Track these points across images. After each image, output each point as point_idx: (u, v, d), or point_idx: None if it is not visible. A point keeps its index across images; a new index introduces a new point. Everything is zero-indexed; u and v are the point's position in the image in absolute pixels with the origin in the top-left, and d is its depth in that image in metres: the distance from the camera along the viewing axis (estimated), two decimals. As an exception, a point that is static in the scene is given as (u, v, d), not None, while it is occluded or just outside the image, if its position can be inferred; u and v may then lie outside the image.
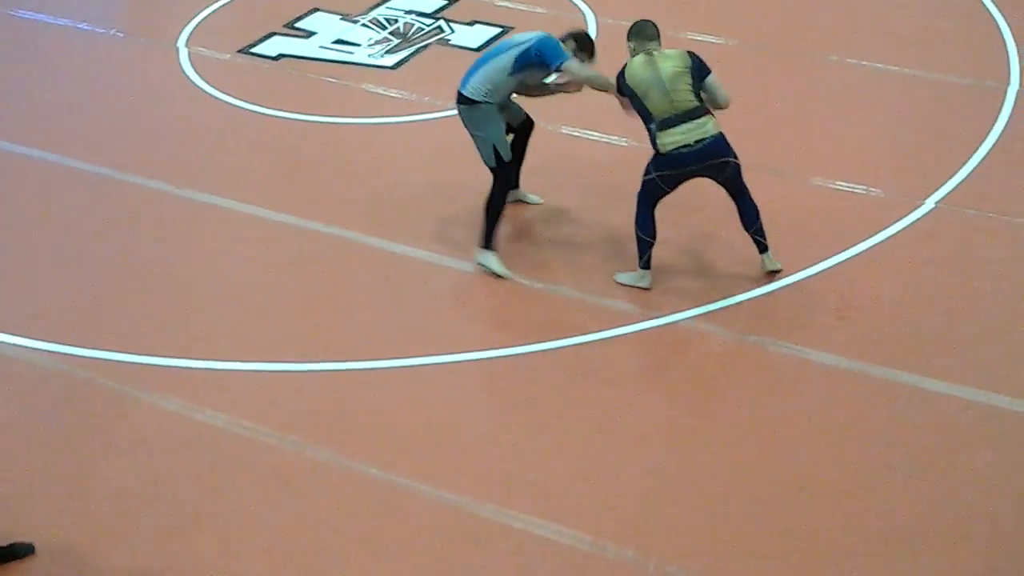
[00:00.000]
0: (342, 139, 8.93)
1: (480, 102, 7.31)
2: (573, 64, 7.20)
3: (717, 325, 6.94)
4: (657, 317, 7.00)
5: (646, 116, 7.00)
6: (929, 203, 7.93)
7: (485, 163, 7.48)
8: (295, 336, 6.95)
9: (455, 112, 7.45)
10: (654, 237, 7.22)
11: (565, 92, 7.67)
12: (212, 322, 7.11)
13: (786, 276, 7.30)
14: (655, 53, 7.07)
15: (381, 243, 7.74)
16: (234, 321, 7.12)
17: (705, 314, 7.02)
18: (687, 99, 6.92)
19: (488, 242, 7.47)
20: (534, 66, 7.28)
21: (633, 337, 6.88)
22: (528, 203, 8.09)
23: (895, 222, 7.76)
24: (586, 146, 8.72)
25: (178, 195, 8.28)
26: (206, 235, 7.94)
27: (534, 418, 6.34)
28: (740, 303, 7.11)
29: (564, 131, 8.84)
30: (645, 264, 7.28)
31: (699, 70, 7.01)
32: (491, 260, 7.48)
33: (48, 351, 6.83)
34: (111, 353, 6.80)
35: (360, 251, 7.69)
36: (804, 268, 7.37)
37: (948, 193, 8.01)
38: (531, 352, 6.78)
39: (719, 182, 7.16)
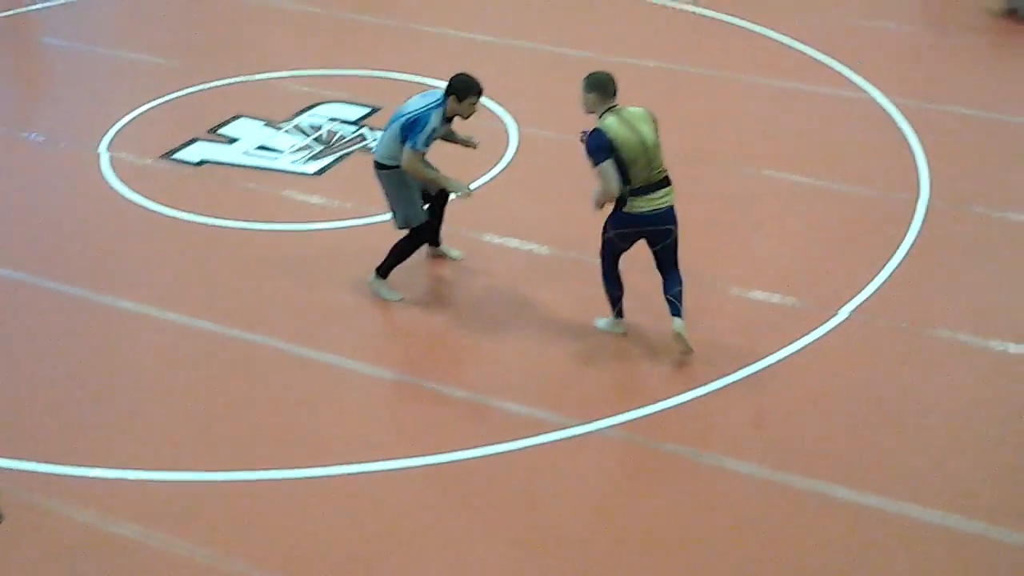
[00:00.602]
0: (263, 245, 8.93)
1: (390, 166, 7.73)
2: (409, 155, 7.62)
3: (634, 433, 6.96)
4: (573, 426, 7.01)
5: (622, 179, 7.17)
6: (843, 313, 8.07)
7: (396, 226, 7.91)
8: (211, 444, 6.88)
9: (377, 219, 7.54)
10: (621, 291, 7.70)
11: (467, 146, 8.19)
12: (127, 430, 7.01)
13: (703, 384, 7.36)
14: (623, 112, 7.21)
15: (299, 349, 7.71)
16: (150, 429, 7.03)
17: (622, 423, 7.05)
18: (662, 168, 7.27)
19: (385, 273, 8.05)
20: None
21: (549, 447, 6.88)
22: (450, 258, 8.44)
23: (810, 331, 7.87)
24: (506, 252, 8.79)
25: (96, 301, 8.21)
26: (123, 341, 7.86)
27: (450, 530, 6.30)
28: (657, 412, 7.15)
29: (486, 238, 8.91)
30: (618, 314, 7.76)
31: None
32: (383, 288, 8.07)
33: (-43, 460, 6.70)
34: (22, 462, 6.68)
35: (278, 357, 7.65)
36: (721, 377, 7.44)
37: (862, 303, 8.16)
38: (447, 463, 6.75)
39: (656, 248, 7.43)
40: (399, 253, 8.03)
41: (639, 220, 7.28)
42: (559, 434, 6.95)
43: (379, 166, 7.87)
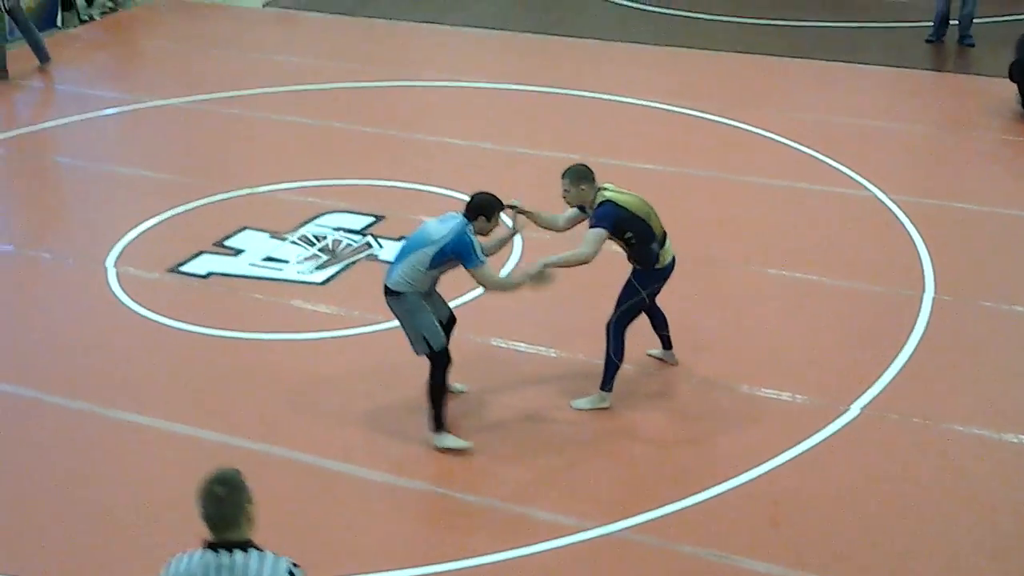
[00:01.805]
0: (271, 354, 8.92)
1: (405, 293, 7.50)
2: (485, 273, 7.47)
3: (650, 536, 6.90)
4: (588, 529, 6.95)
5: (648, 237, 7.68)
6: (854, 409, 8.04)
7: (417, 352, 7.63)
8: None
9: (385, 326, 7.52)
10: (623, 360, 7.94)
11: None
12: (134, 546, 6.94)
13: (718, 484, 7.32)
14: (609, 186, 7.76)
15: (310, 458, 7.67)
16: (158, 546, 6.95)
17: (638, 525, 6.99)
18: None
19: (440, 424, 7.64)
20: (451, 261, 7.49)
21: (565, 551, 6.81)
22: (452, 392, 8.10)
23: (822, 428, 7.84)
24: (514, 356, 8.78)
25: (104, 415, 8.18)
26: (130, 455, 7.82)
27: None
28: (672, 512, 7.09)
29: (493, 342, 8.91)
30: (609, 387, 7.94)
31: None
32: (448, 439, 7.65)
33: (-34, 579, 6.62)
34: (32, 580, 6.61)
35: (289, 467, 7.61)
36: (735, 476, 7.39)
37: (873, 399, 8.14)
38: (462, 569, 6.68)
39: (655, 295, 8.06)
40: (435, 395, 7.62)
41: (667, 271, 7.90)
42: (575, 537, 6.89)
43: (392, 293, 7.54)
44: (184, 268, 10.16)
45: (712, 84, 14.09)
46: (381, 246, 10.44)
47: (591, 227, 7.61)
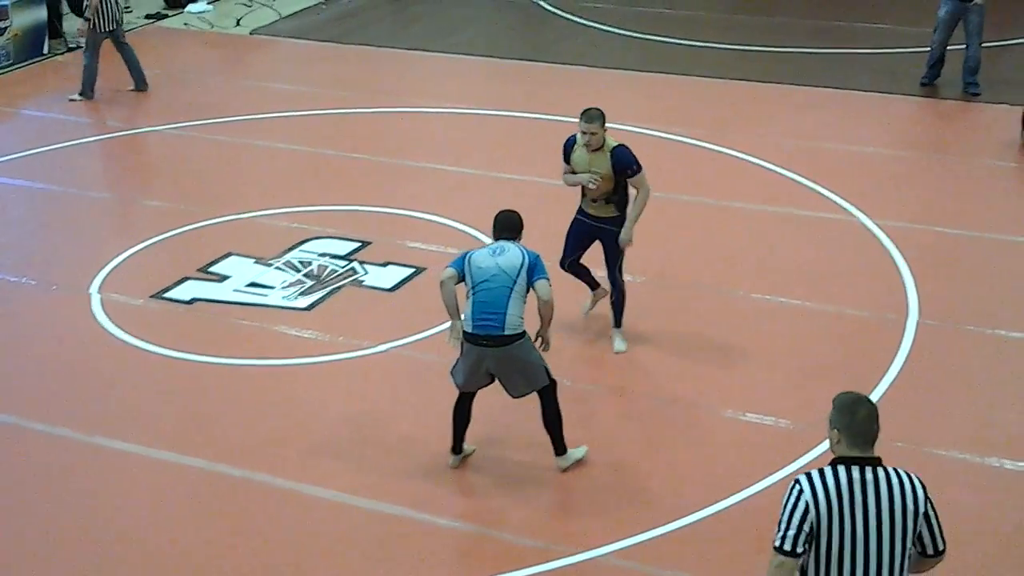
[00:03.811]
0: (256, 381, 8.91)
1: (524, 331, 7.36)
2: (548, 285, 7.42)
3: (633, 561, 6.88)
4: (573, 554, 6.93)
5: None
6: (838, 433, 8.02)
7: (524, 394, 7.48)
8: (204, 584, 6.78)
9: (370, 352, 7.49)
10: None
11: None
12: (117, 572, 6.90)
13: (701, 509, 7.30)
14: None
15: (294, 485, 7.65)
16: (141, 570, 6.92)
17: (621, 550, 6.97)
18: None
19: (564, 447, 7.64)
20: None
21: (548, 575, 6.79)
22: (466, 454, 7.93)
23: (805, 453, 7.83)
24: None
25: (87, 442, 8.16)
26: (113, 482, 7.79)
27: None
28: (655, 537, 7.08)
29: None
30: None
31: None
32: (577, 452, 7.73)
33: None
34: (11, 607, 6.57)
35: (273, 494, 7.58)
36: (718, 501, 7.38)
37: (856, 423, 8.12)
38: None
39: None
40: (558, 421, 7.58)
41: None
42: (559, 562, 6.88)
43: (514, 339, 7.31)
44: (169, 294, 10.15)
45: (698, 110, 14.13)
46: (366, 271, 10.44)
47: (636, 171, 8.76)
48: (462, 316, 7.47)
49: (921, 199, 11.83)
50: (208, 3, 18.89)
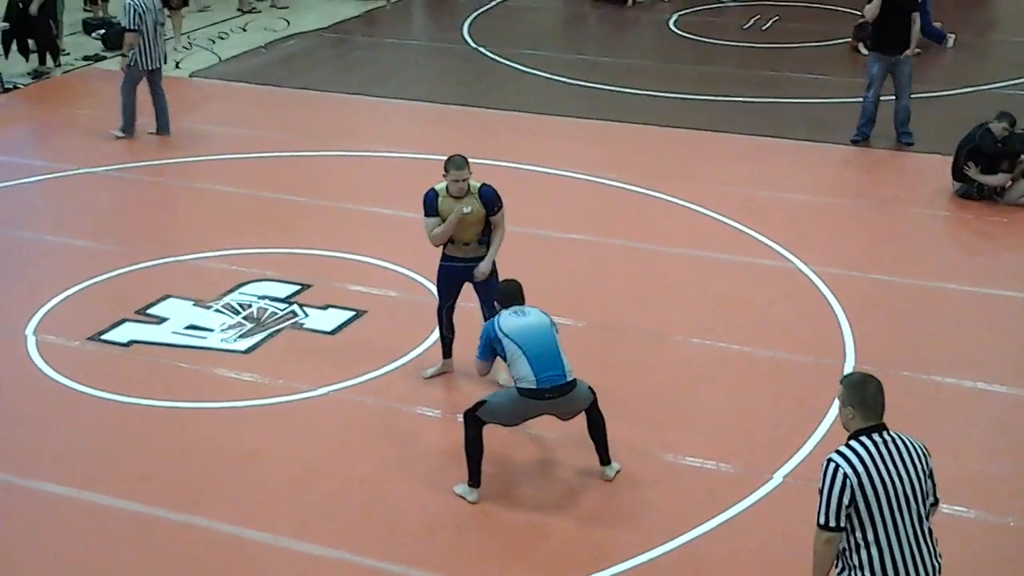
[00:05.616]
0: (194, 424, 8.83)
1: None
2: None
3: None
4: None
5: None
6: (777, 478, 8.10)
7: (584, 408, 7.88)
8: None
9: (308, 395, 7.45)
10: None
11: None
12: (53, 618, 6.81)
13: (641, 553, 7.32)
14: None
15: (232, 529, 7.58)
16: (76, 616, 6.83)
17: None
18: None
19: (609, 457, 8.03)
20: None
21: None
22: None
23: (745, 497, 7.89)
24: (425, 423, 8.75)
25: (22, 485, 8.04)
26: (48, 526, 7.68)
27: None
28: (597, 582, 7.09)
29: (404, 409, 8.88)
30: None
31: None
32: (615, 465, 8.08)
33: None
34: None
35: (211, 537, 7.51)
36: (659, 545, 7.41)
37: (794, 468, 8.21)
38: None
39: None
40: (605, 430, 8.03)
41: None
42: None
43: (575, 382, 7.84)
44: (105, 336, 10.04)
45: (638, 156, 14.25)
46: (306, 314, 10.40)
47: (499, 209, 8.91)
48: (504, 382, 8.44)
49: (856, 246, 12.00)
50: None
